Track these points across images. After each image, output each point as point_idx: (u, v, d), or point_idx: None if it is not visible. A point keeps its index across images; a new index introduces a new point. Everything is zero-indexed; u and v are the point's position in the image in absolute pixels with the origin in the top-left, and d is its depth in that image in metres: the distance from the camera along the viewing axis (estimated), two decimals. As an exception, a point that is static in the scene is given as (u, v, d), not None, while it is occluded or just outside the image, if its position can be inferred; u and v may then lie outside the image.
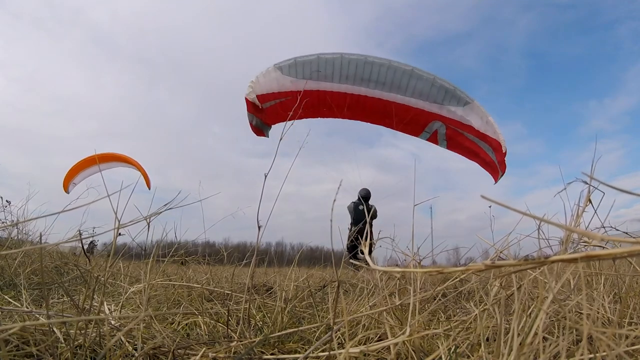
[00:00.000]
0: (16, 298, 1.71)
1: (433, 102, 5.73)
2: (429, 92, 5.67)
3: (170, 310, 1.67)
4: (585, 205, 0.98)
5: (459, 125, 5.84)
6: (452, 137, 6.04)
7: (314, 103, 5.97)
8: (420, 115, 5.88)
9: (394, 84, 5.69)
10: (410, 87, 5.67)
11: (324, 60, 5.65)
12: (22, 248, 1.36)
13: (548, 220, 0.51)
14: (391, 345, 0.94)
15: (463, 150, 6.19)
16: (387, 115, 6.01)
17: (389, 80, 5.67)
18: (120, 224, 1.08)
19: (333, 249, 1.14)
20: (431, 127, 6.05)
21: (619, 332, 0.79)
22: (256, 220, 1.35)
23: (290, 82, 5.81)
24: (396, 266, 2.36)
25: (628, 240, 0.41)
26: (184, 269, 2.71)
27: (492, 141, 5.75)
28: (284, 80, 5.82)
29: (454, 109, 5.73)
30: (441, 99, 5.69)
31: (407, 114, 5.87)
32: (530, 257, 1.41)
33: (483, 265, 0.51)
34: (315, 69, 5.69)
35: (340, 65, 5.65)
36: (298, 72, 5.76)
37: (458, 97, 5.68)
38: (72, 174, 8.66)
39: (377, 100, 5.87)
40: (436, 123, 5.95)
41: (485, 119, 5.72)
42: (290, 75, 5.79)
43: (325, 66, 5.67)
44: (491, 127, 5.72)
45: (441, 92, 5.66)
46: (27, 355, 0.92)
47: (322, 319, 1.58)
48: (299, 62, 5.71)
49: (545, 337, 0.87)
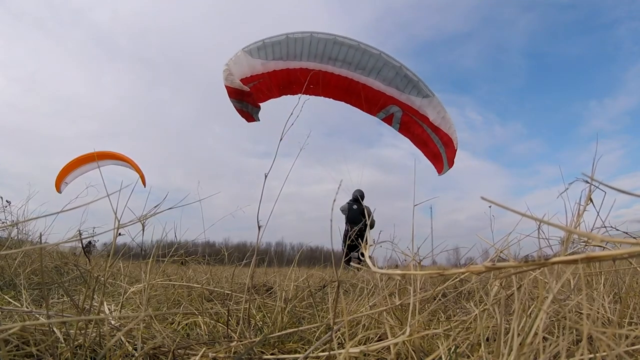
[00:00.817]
0: (16, 298, 1.71)
1: (395, 88, 6.01)
2: (393, 78, 5.94)
3: (170, 310, 1.67)
4: (586, 205, 0.98)
5: (415, 114, 6.16)
6: (406, 123, 6.36)
7: (284, 82, 6.11)
8: (381, 96, 6.16)
9: (360, 65, 5.92)
10: (375, 71, 5.91)
11: (293, 40, 5.72)
12: (22, 248, 1.36)
13: (548, 222, 0.51)
14: (391, 345, 0.94)
15: (414, 137, 6.52)
16: (350, 93, 6.28)
17: (356, 61, 5.88)
18: (120, 224, 1.08)
19: (333, 249, 1.14)
20: (388, 110, 6.34)
21: (619, 332, 0.79)
22: (256, 220, 1.35)
23: (260, 64, 5.87)
24: (396, 266, 2.35)
25: (628, 242, 0.41)
26: (184, 269, 2.71)
27: (443, 135, 6.08)
28: (254, 62, 5.85)
29: (414, 98, 6.03)
30: (403, 87, 5.98)
31: (368, 93, 6.15)
32: (531, 258, 1.42)
33: (483, 266, 0.51)
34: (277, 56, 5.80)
35: (310, 44, 5.75)
36: (268, 54, 5.80)
37: (419, 88, 5.96)
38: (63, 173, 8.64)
39: (343, 78, 6.09)
40: (394, 107, 6.25)
41: (442, 115, 6.03)
42: (260, 57, 5.83)
43: (294, 45, 5.75)
44: (446, 123, 6.04)
45: (404, 80, 5.93)
46: (27, 355, 0.92)
47: (322, 319, 1.58)
48: (268, 43, 5.75)
49: (545, 337, 0.87)
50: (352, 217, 7.81)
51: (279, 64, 5.86)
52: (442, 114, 6.03)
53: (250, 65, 5.84)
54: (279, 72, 5.94)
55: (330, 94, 6.50)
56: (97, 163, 8.29)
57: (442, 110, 6.04)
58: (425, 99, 6.00)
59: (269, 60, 5.83)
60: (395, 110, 6.27)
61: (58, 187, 8.69)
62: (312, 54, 5.84)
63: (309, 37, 5.71)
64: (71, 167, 8.65)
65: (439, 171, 6.55)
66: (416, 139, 6.51)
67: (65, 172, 8.66)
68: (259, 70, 5.89)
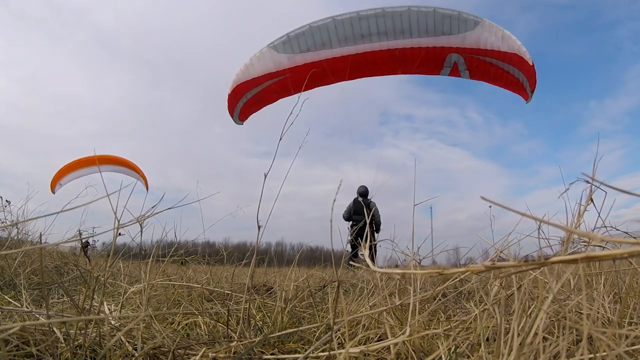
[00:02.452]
0: (16, 298, 1.71)
1: (441, 34, 5.35)
2: (434, 26, 5.30)
3: (170, 310, 1.67)
4: (587, 205, 0.98)
5: (475, 52, 5.47)
6: (472, 66, 5.70)
7: (317, 73, 5.78)
8: (434, 52, 5.56)
9: (395, 30, 5.39)
10: (413, 28, 5.33)
11: (317, 28, 5.46)
12: (22, 248, 1.36)
13: (548, 222, 0.51)
14: (391, 345, 0.94)
15: (486, 76, 5.85)
16: (401, 63, 5.75)
17: (389, 27, 5.38)
18: (119, 224, 1.08)
19: (333, 249, 1.14)
20: (449, 61, 5.69)
21: (619, 332, 0.79)
22: (256, 220, 1.35)
23: (287, 59, 5.68)
24: (396, 266, 2.35)
25: (628, 241, 0.41)
26: (184, 269, 2.71)
27: (512, 57, 5.32)
28: (280, 58, 5.68)
29: (465, 34, 5.33)
30: (448, 28, 5.30)
31: (420, 55, 5.56)
32: (531, 257, 1.41)
33: (483, 266, 0.51)
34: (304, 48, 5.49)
35: (335, 29, 5.43)
36: (294, 47, 5.60)
37: (464, 20, 5.28)
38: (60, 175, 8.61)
39: (385, 51, 5.60)
40: (453, 55, 5.59)
41: (500, 34, 5.29)
42: (286, 52, 5.64)
43: (319, 33, 5.47)
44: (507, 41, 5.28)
45: (446, 21, 5.26)
46: (27, 355, 0.92)
47: (322, 319, 1.58)
48: (292, 36, 5.55)
49: (545, 337, 0.87)
50: (357, 210, 7.89)
51: (306, 56, 5.60)
52: (499, 33, 5.27)
53: (276, 61, 5.66)
54: (309, 65, 5.63)
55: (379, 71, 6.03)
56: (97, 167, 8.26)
57: (498, 30, 5.28)
58: (477, 28, 5.26)
59: (296, 54, 5.60)
60: (456, 58, 5.61)
61: (52, 188, 8.67)
62: (341, 38, 5.45)
63: (332, 22, 5.37)
64: (69, 169, 8.63)
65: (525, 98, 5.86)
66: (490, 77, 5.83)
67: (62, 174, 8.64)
68: (285, 65, 5.69)
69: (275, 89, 6.00)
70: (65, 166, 8.56)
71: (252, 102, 6.37)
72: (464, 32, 5.33)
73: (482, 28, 5.28)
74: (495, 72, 5.68)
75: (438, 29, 5.33)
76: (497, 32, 5.29)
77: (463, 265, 2.38)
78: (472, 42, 5.39)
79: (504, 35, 5.28)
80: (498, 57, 5.40)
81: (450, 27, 5.31)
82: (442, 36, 5.36)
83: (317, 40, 5.51)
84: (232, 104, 6.39)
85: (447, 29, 5.33)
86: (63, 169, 8.58)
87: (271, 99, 6.30)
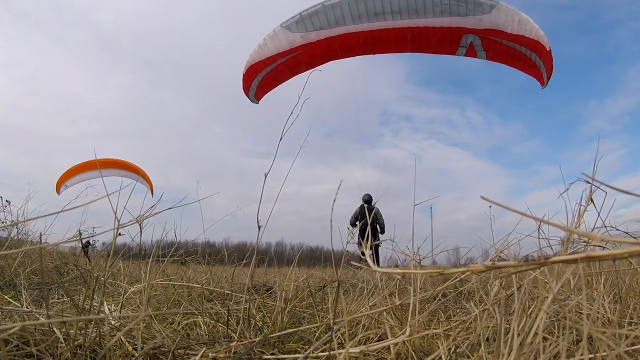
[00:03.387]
0: (16, 298, 1.71)
1: (457, 15, 5.34)
2: (450, 7, 5.30)
3: (170, 310, 1.67)
4: (587, 205, 0.98)
5: (492, 33, 5.42)
6: (489, 47, 5.66)
7: (329, 49, 5.86)
8: (449, 32, 5.55)
9: (410, 10, 5.41)
10: (428, 8, 5.33)
11: (330, 7, 5.48)
12: (22, 248, 1.36)
13: (548, 221, 0.51)
14: (391, 345, 0.94)
15: (505, 56, 5.78)
16: (415, 42, 5.79)
17: (403, 7, 5.38)
18: (119, 224, 1.08)
19: (333, 249, 1.14)
20: (465, 41, 5.67)
21: (619, 332, 0.79)
22: (256, 220, 1.35)
23: (300, 37, 5.74)
24: (396, 266, 2.35)
25: (628, 241, 0.41)
26: (184, 269, 2.71)
27: (528, 42, 5.27)
28: (294, 37, 5.76)
29: (481, 17, 5.29)
30: (464, 10, 5.29)
31: (436, 35, 5.59)
32: (531, 257, 1.41)
33: (483, 266, 0.51)
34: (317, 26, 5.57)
35: (349, 7, 5.45)
36: (307, 26, 5.66)
37: (480, 3, 5.24)
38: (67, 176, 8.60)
39: (400, 29, 5.63)
40: (469, 36, 5.56)
41: (517, 18, 5.22)
42: (299, 30, 5.70)
43: (332, 12, 5.50)
44: (525, 25, 5.22)
45: (462, 2, 5.24)
46: (27, 355, 0.92)
47: (322, 319, 1.58)
48: (305, 15, 5.60)
49: (545, 337, 0.87)
50: (363, 215, 8.50)
51: (321, 33, 5.65)
52: (516, 17, 5.19)
53: (289, 39, 5.75)
54: (323, 41, 5.69)
55: (394, 48, 6.05)
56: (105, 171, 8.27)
57: (515, 13, 5.22)
58: (493, 11, 5.20)
59: (310, 32, 5.66)
60: (472, 38, 5.57)
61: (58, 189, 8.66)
62: (355, 16, 5.47)
63: (345, 0, 5.38)
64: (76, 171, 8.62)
65: (541, 82, 5.83)
66: (509, 58, 5.77)
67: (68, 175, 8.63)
68: (299, 43, 5.76)
69: (290, 65, 6.07)
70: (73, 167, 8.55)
71: (267, 80, 6.47)
72: (480, 15, 5.29)
73: (498, 11, 5.22)
74: (513, 54, 5.62)
75: (453, 10, 5.31)
76: (514, 16, 5.23)
77: (463, 265, 2.38)
78: (488, 24, 5.34)
79: (521, 19, 5.22)
80: (515, 40, 5.35)
81: (467, 9, 5.28)
82: (458, 17, 5.35)
83: (331, 18, 5.55)
84: (247, 83, 6.51)
85: (462, 11, 5.30)
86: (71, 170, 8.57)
87: (285, 76, 6.39)
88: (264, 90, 6.68)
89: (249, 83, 6.46)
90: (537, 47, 5.28)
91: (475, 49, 5.75)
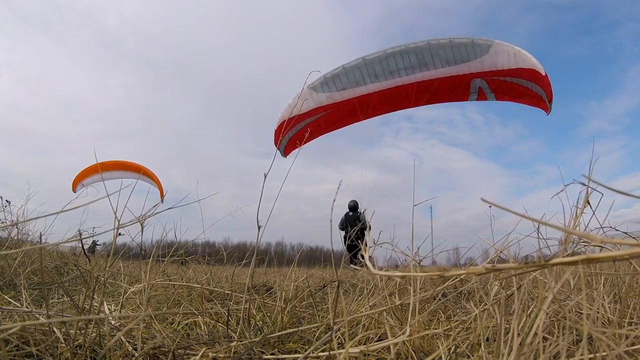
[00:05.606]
0: (16, 298, 1.71)
1: (461, 62, 5.76)
2: (454, 55, 5.72)
3: (170, 310, 1.67)
4: (583, 207, 0.98)
5: (495, 74, 5.80)
6: (495, 87, 6.04)
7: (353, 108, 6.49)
8: (458, 80, 5.98)
9: (420, 64, 5.87)
10: (435, 59, 5.80)
11: (350, 69, 6.14)
12: (22, 248, 1.36)
13: (547, 223, 0.51)
14: (391, 345, 0.94)
15: (510, 95, 6.15)
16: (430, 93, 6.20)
17: (414, 62, 5.88)
18: (120, 224, 1.08)
19: (333, 249, 1.14)
20: (474, 86, 6.09)
21: (619, 332, 0.79)
22: (256, 220, 1.35)
23: (326, 97, 6.49)
24: (396, 266, 2.35)
25: (628, 242, 0.41)
26: (184, 269, 2.71)
27: (526, 72, 5.59)
28: (320, 97, 6.50)
29: (482, 59, 5.68)
30: (466, 55, 5.70)
31: (447, 84, 6.04)
32: (530, 257, 1.41)
33: (484, 268, 0.51)
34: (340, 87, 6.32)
35: (365, 67, 6.06)
36: (331, 87, 6.39)
37: (478, 45, 5.62)
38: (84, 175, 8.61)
39: (414, 84, 6.10)
40: (476, 80, 5.97)
41: (512, 52, 5.58)
42: (324, 91, 6.44)
43: (352, 73, 6.16)
44: (520, 58, 5.56)
45: (462, 49, 5.66)
46: (27, 355, 0.92)
47: (322, 319, 1.58)
48: (329, 78, 6.31)
49: (545, 337, 0.87)
50: (349, 222, 8.97)
51: (343, 93, 6.36)
52: (511, 51, 5.59)
53: (316, 99, 6.49)
54: (348, 101, 6.41)
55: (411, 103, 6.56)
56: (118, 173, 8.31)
57: (510, 48, 5.60)
58: (491, 51, 5.61)
59: (333, 92, 6.39)
60: (479, 83, 6.00)
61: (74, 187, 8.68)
62: (371, 75, 6.12)
63: (362, 62, 6.04)
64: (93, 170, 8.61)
65: (545, 110, 6.09)
66: (514, 95, 6.12)
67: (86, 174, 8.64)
68: (325, 102, 6.51)
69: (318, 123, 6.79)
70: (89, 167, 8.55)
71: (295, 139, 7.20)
72: (481, 57, 5.70)
73: (495, 49, 5.63)
74: (517, 90, 5.99)
75: (457, 58, 5.77)
76: (509, 50, 5.60)
77: (463, 265, 2.38)
78: (490, 65, 5.74)
79: (516, 52, 5.58)
80: (516, 74, 5.71)
81: (467, 53, 5.72)
82: (463, 64, 5.81)
83: (351, 79, 6.23)
84: (277, 138, 7.21)
85: (464, 57, 5.74)
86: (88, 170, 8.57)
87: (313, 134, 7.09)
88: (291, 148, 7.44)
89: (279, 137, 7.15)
90: (534, 75, 5.57)
91: (485, 92, 6.21)
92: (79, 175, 8.61)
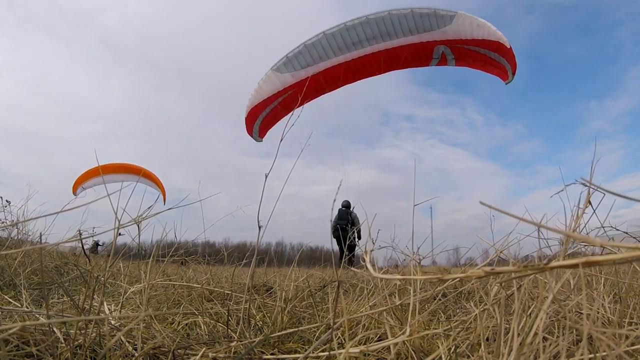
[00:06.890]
0: (16, 298, 1.71)
1: (423, 31, 5.91)
2: (416, 25, 5.87)
3: (170, 310, 1.67)
4: (584, 208, 0.98)
5: (458, 42, 5.97)
6: (459, 54, 6.20)
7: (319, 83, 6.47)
8: (422, 47, 6.12)
9: (382, 34, 5.98)
10: (397, 29, 5.92)
11: (311, 45, 6.11)
12: (22, 248, 1.36)
13: (546, 226, 0.51)
14: (391, 345, 0.94)
15: (471, 61, 6.31)
16: (393, 61, 6.35)
17: (375, 32, 5.97)
18: (120, 224, 1.08)
19: (333, 249, 1.14)
20: (437, 52, 6.22)
21: (619, 332, 0.79)
22: (256, 220, 1.35)
23: (291, 76, 6.38)
24: (396, 266, 2.35)
25: (627, 246, 0.41)
26: (184, 269, 2.71)
27: (490, 43, 5.79)
28: (285, 77, 6.40)
29: (444, 29, 5.83)
30: (428, 25, 5.84)
31: (409, 52, 6.16)
32: (531, 257, 1.41)
33: (483, 271, 0.51)
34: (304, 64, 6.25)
35: (327, 42, 6.07)
36: (295, 65, 6.31)
37: (441, 15, 5.76)
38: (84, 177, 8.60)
39: (378, 53, 6.19)
40: (440, 47, 6.11)
41: (476, 23, 5.74)
42: (288, 71, 6.34)
43: (314, 49, 6.14)
44: (483, 29, 5.73)
45: (425, 19, 5.80)
46: (27, 355, 0.92)
47: (322, 319, 1.58)
48: (291, 57, 6.25)
49: (545, 337, 0.87)
50: (340, 216, 9.56)
51: (309, 70, 6.32)
52: (474, 22, 5.75)
53: (281, 80, 6.45)
54: (312, 77, 6.36)
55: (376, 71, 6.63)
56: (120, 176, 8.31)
57: (474, 19, 5.76)
58: (454, 22, 5.75)
59: (298, 70, 6.35)
60: (443, 49, 6.14)
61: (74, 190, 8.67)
62: (334, 49, 6.11)
63: (323, 37, 6.03)
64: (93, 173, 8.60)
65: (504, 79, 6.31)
66: (476, 63, 6.32)
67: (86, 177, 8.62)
68: (291, 82, 6.46)
69: (286, 103, 6.75)
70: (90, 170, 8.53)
71: (268, 120, 7.18)
72: (444, 27, 5.83)
73: (457, 20, 5.76)
74: (479, 59, 6.20)
75: (419, 27, 5.87)
76: (473, 22, 5.75)
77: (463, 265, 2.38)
78: (453, 34, 5.88)
79: (479, 23, 5.72)
80: (479, 44, 5.90)
81: (430, 23, 5.82)
82: (425, 33, 5.92)
83: (314, 55, 6.20)
84: (250, 125, 7.24)
85: (427, 26, 5.85)
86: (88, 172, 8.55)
87: (284, 113, 7.03)
88: (266, 128, 7.40)
89: (252, 124, 7.20)
90: (499, 47, 5.78)
91: (447, 58, 6.36)
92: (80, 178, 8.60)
